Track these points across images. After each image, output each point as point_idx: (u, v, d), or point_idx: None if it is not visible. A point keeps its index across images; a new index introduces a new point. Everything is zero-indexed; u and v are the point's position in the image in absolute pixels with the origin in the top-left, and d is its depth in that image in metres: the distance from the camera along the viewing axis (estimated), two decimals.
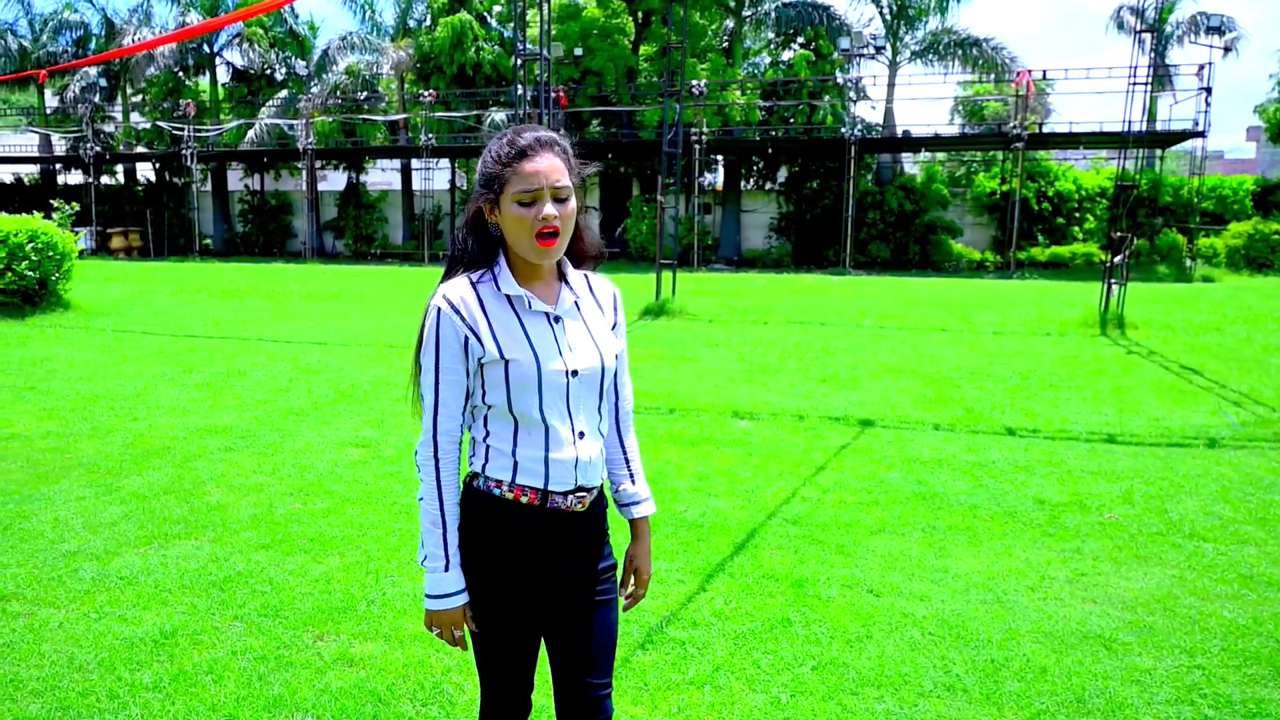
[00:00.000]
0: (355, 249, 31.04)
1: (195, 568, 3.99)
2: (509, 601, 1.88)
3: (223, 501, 4.87)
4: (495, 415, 1.84)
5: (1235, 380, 8.61)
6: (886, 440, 6.25)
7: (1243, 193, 24.16)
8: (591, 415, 1.90)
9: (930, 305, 15.26)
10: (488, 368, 1.81)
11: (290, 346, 10.25)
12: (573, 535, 1.91)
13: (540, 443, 1.84)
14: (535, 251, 1.80)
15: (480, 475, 1.87)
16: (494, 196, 1.82)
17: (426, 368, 1.83)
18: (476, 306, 1.81)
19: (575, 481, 1.88)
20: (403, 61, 29.17)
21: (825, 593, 3.74)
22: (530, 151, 1.78)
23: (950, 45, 24.94)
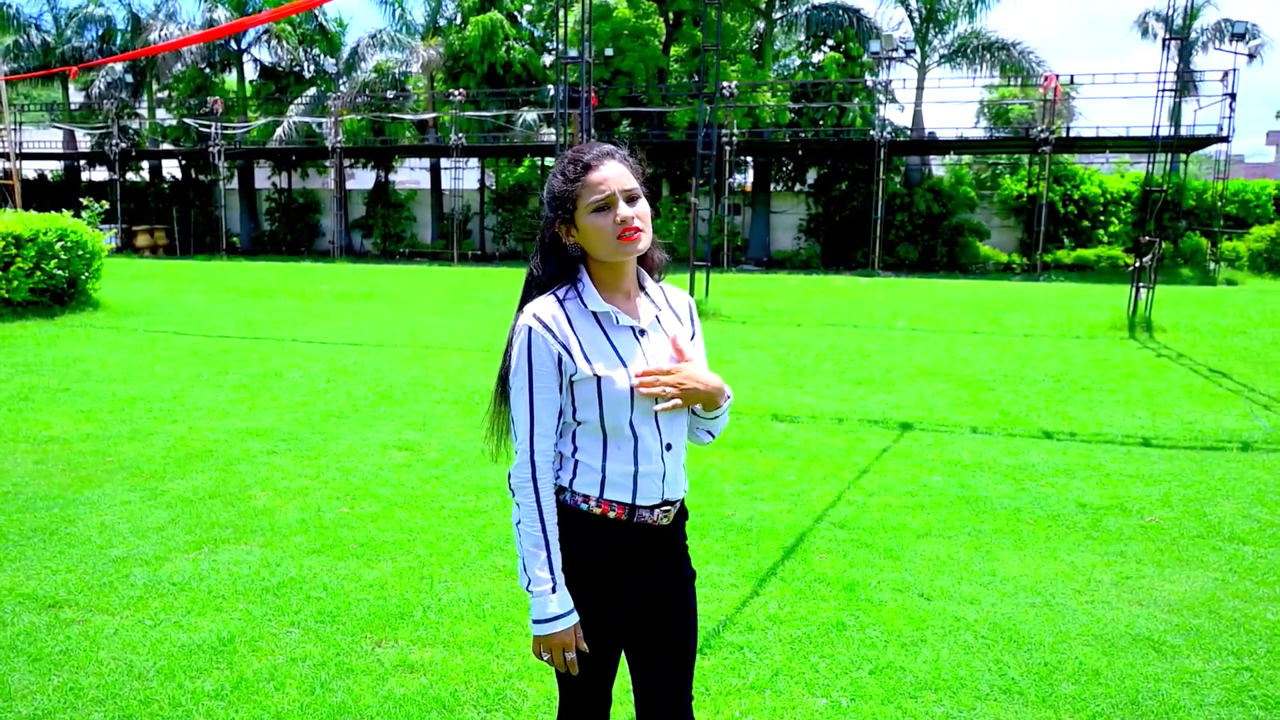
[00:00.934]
0: (384, 248, 31.28)
1: (248, 573, 3.99)
2: (595, 617, 1.89)
3: (269, 506, 4.87)
4: (585, 431, 1.86)
5: (1263, 383, 8.71)
6: (926, 443, 6.41)
7: (1265, 197, 24.22)
8: (678, 428, 1.94)
9: (960, 308, 15.35)
10: (578, 385, 1.83)
11: (325, 348, 10.26)
12: (658, 548, 1.94)
13: (629, 457, 1.86)
14: (622, 250, 1.84)
15: (567, 490, 1.88)
16: (568, 215, 1.86)
17: (519, 389, 1.84)
18: (566, 324, 1.84)
19: (662, 495, 1.90)
20: (433, 60, 29.39)
21: (877, 596, 3.86)
22: (595, 163, 1.84)
23: (979, 49, 24.99)
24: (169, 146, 32.64)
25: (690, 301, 2.08)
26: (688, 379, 1.89)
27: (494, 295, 17.27)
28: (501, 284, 19.91)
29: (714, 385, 1.92)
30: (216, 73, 32.91)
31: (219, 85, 32.83)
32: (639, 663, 1.99)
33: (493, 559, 4.22)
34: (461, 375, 8.69)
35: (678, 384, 1.88)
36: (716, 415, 1.98)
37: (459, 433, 6.50)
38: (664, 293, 2.02)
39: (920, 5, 25.23)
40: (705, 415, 1.98)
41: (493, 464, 5.71)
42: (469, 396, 7.70)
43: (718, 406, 1.95)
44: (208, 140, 29.60)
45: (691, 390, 1.89)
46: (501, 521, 4.72)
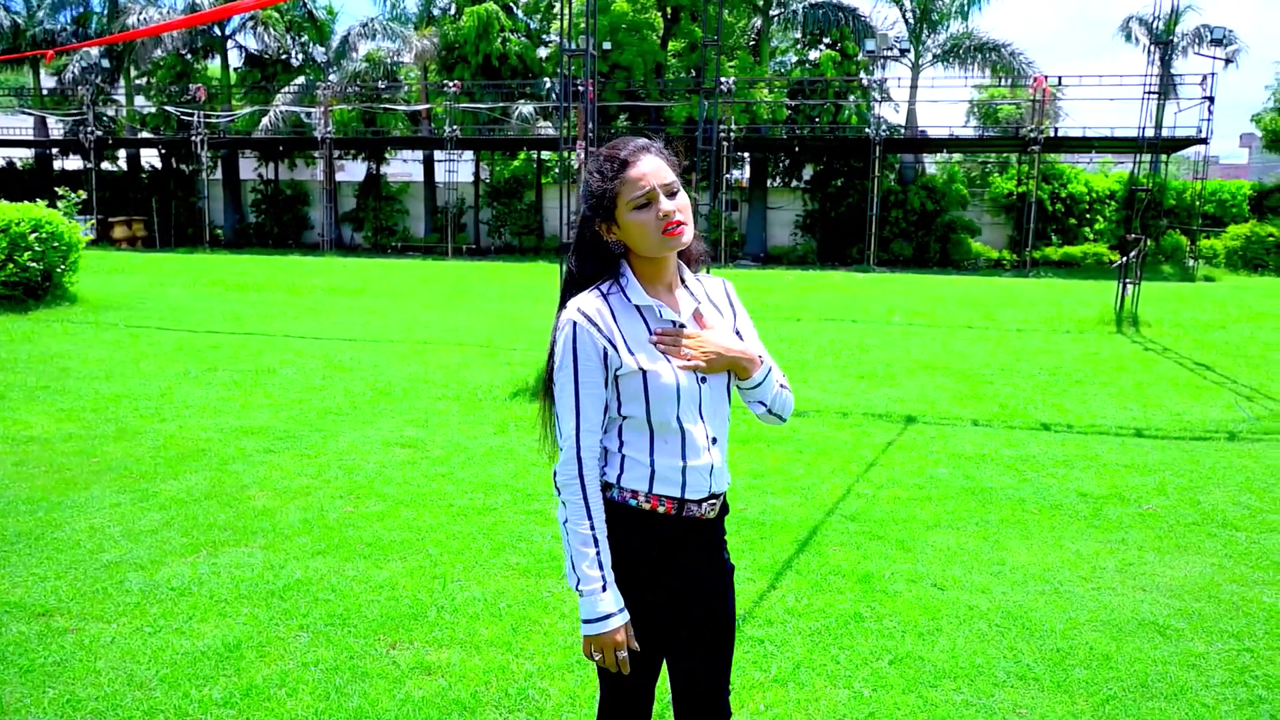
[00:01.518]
0: (375, 241, 30.89)
1: (251, 576, 3.88)
2: (645, 613, 1.87)
3: (269, 506, 4.75)
4: (631, 426, 1.85)
5: (1244, 376, 8.90)
6: (930, 436, 6.52)
7: (1240, 197, 24.68)
8: (722, 421, 1.93)
9: (954, 303, 15.49)
10: (624, 379, 1.82)
11: (319, 343, 10.08)
12: (703, 542, 1.94)
13: (677, 451, 1.85)
14: (667, 245, 1.82)
15: (615, 486, 1.86)
16: (609, 214, 1.84)
17: (564, 383, 1.82)
18: (610, 318, 1.82)
19: (709, 489, 1.89)
20: (426, 50, 29.17)
21: (891, 588, 3.92)
22: (632, 159, 1.82)
23: (971, 49, 25.21)
24: (148, 135, 31.39)
25: (728, 286, 2.07)
26: (707, 342, 1.88)
27: (491, 290, 17.26)
28: (498, 278, 19.89)
29: (736, 350, 1.90)
30: (199, 59, 31.93)
31: (201, 72, 31.92)
32: (682, 656, 1.98)
33: (506, 557, 4.19)
34: (461, 371, 8.65)
35: (697, 346, 1.87)
36: (757, 384, 1.93)
37: (462, 429, 6.46)
38: (702, 284, 2.01)
39: (914, 5, 25.43)
40: (745, 385, 1.94)
41: (550, 464, 5.69)
42: (470, 393, 7.66)
43: (749, 375, 1.92)
44: (189, 129, 28.75)
45: (714, 354, 1.87)
46: (513, 519, 4.72)
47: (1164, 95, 12.73)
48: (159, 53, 30.65)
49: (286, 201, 32.50)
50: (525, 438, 6.30)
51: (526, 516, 4.75)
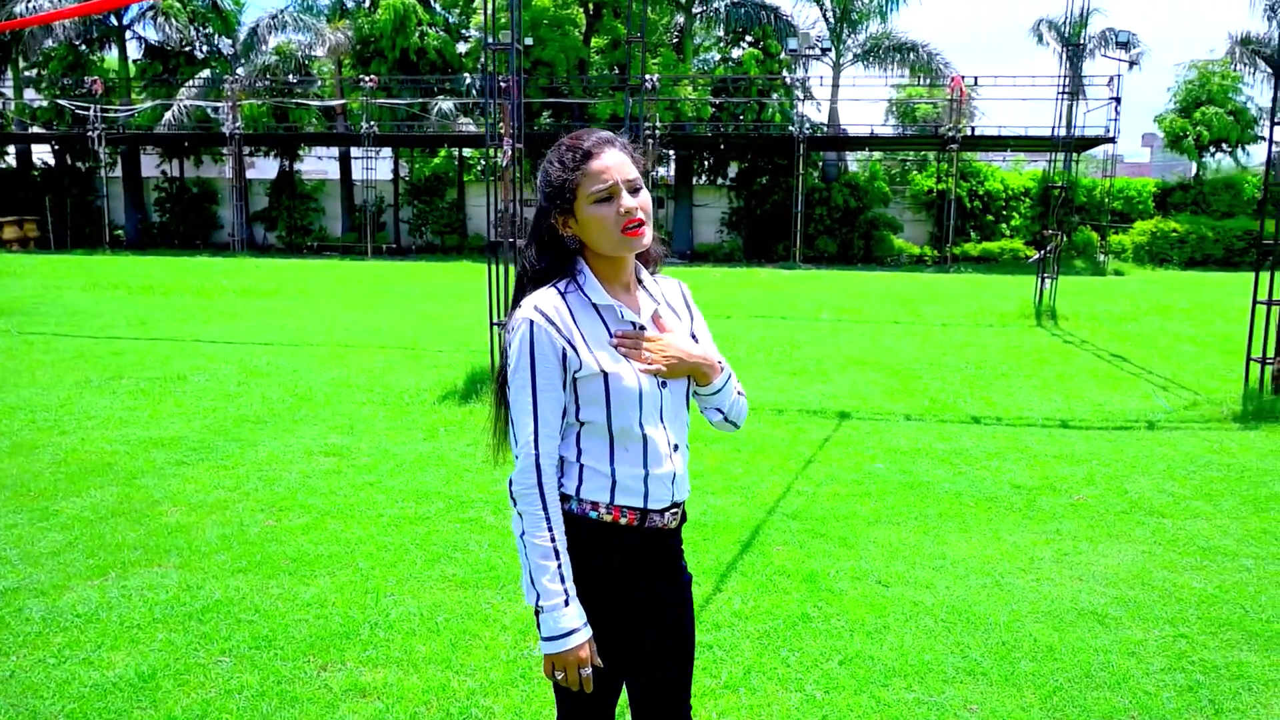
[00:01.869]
0: (290, 241, 29.90)
1: (165, 599, 3.66)
2: (608, 626, 1.80)
3: (183, 522, 4.53)
4: (590, 432, 1.77)
5: (1158, 366, 9.27)
6: (865, 431, 6.55)
7: (1146, 194, 25.90)
8: (683, 427, 1.87)
9: (880, 299, 15.79)
10: (583, 382, 1.74)
11: (232, 347, 9.75)
12: (665, 552, 1.88)
13: (638, 459, 1.78)
14: (626, 244, 1.75)
15: (574, 499, 1.77)
16: (567, 206, 1.76)
17: (520, 386, 1.73)
18: (569, 318, 1.74)
19: (672, 497, 1.84)
20: (340, 44, 28.37)
21: (837, 586, 3.92)
22: (595, 151, 1.75)
23: (889, 49, 25.81)
24: (40, 130, 29.83)
25: (684, 289, 2.01)
26: (669, 346, 1.81)
27: (414, 290, 16.87)
28: (421, 278, 19.47)
29: (698, 355, 1.84)
30: (94, 50, 30.36)
31: (98, 64, 30.37)
32: (643, 670, 1.92)
33: (441, 568, 4.05)
34: (386, 374, 8.42)
35: (659, 350, 1.80)
36: (716, 390, 1.88)
37: (389, 435, 6.28)
38: (659, 286, 1.94)
39: (834, 5, 25.87)
40: (703, 391, 1.89)
41: (494, 469, 5.53)
42: (397, 397, 7.47)
43: (709, 381, 1.87)
44: (86, 124, 27.24)
45: (675, 358, 1.81)
46: (447, 528, 4.56)
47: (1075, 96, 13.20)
48: (50, 43, 29.09)
49: (193, 200, 31.18)
50: (456, 442, 6.15)
51: (461, 525, 4.60)
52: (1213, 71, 24.61)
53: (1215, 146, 25.17)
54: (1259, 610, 3.72)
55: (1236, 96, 24.65)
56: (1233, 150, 25.60)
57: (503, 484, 5.33)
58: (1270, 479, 5.39)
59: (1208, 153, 25.32)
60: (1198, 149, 24.69)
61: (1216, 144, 24.97)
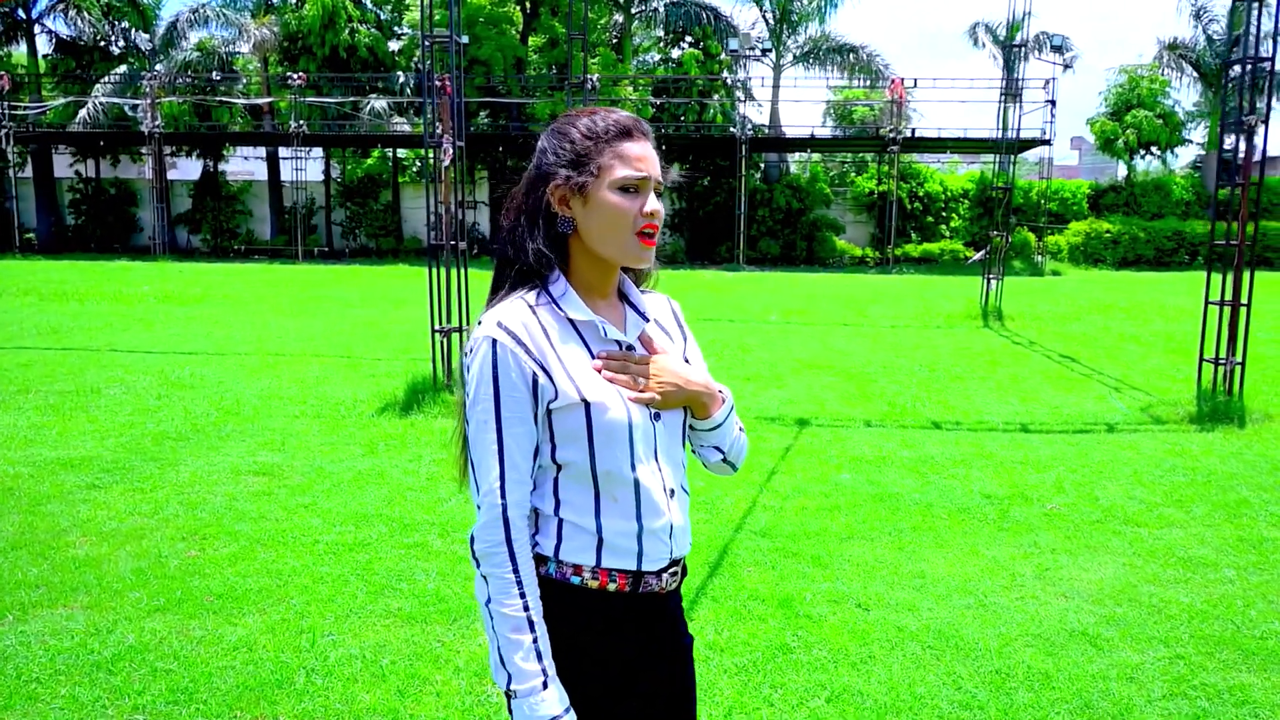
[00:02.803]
0: (215, 244, 28.82)
1: (70, 645, 3.26)
2: (590, 692, 1.51)
3: (93, 555, 4.10)
4: (570, 478, 1.47)
5: (1107, 366, 9.30)
6: (826, 439, 6.35)
7: (1080, 196, 26.59)
8: (679, 467, 1.57)
9: (826, 300, 15.75)
10: (560, 415, 1.44)
11: (152, 358, 9.17)
12: (663, 617, 1.57)
13: (630, 510, 1.47)
14: (635, 251, 1.48)
15: (550, 560, 1.47)
16: (581, 179, 1.46)
17: (482, 421, 1.42)
18: (541, 335, 1.44)
19: (670, 554, 1.53)
20: (266, 40, 27.36)
21: (815, 611, 3.68)
22: (634, 132, 1.48)
23: (829, 51, 25.98)
24: None
25: (674, 306, 1.71)
26: (664, 370, 1.51)
27: (349, 294, 16.26)
28: (356, 282, 18.82)
29: (698, 383, 1.54)
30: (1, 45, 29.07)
31: (4, 59, 29.04)
32: None
33: (385, 601, 3.70)
34: (321, 385, 7.97)
35: (653, 375, 1.50)
36: (716, 425, 1.58)
37: (324, 452, 5.86)
38: (647, 301, 1.64)
39: (774, 6, 25.92)
40: (701, 426, 1.58)
41: (426, 488, 5.16)
42: (332, 409, 7.04)
43: (709, 414, 1.57)
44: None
45: (671, 385, 1.51)
46: (390, 556, 4.19)
47: (1013, 98, 13.32)
48: None
49: (110, 202, 29.75)
50: (397, 458, 5.78)
51: (405, 552, 4.25)
52: (1141, 76, 25.36)
53: (1145, 149, 25.96)
54: (1250, 626, 3.58)
55: (1165, 100, 25.47)
56: (1162, 153, 26.44)
57: (450, 504, 4.90)
58: (1236, 483, 5.33)
59: (1138, 155, 26.09)
60: (1128, 152, 25.41)
61: (1146, 147, 25.75)
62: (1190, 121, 26.62)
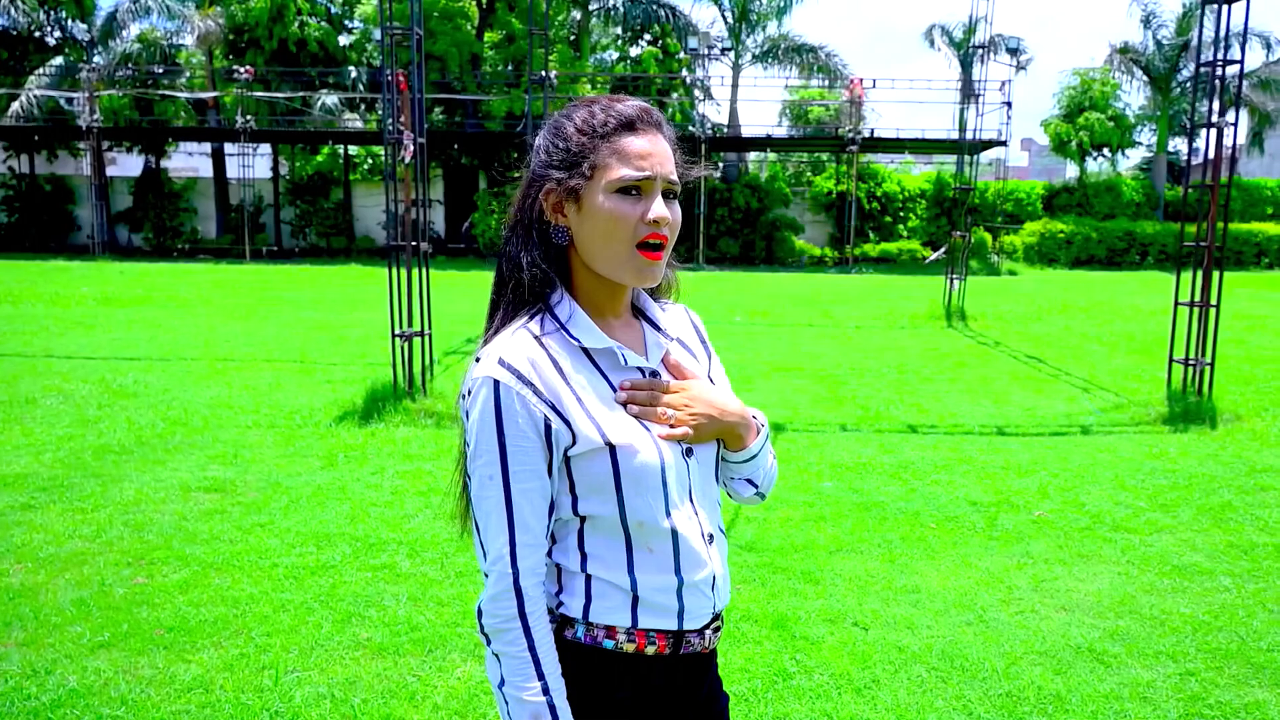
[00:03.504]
0: (158, 243, 27.79)
1: (3, 690, 2.99)
2: None
3: (29, 584, 3.79)
4: (596, 530, 1.29)
5: (1073, 367, 9.33)
6: (803, 445, 6.20)
7: (1034, 196, 27.03)
8: (714, 507, 1.39)
9: (789, 301, 15.68)
10: (581, 462, 1.26)
11: (93, 364, 8.74)
12: (702, 679, 1.40)
13: (669, 562, 1.30)
14: (634, 267, 1.27)
15: (579, 623, 1.30)
16: (574, 182, 1.27)
17: (487, 477, 1.24)
18: (552, 370, 1.25)
19: (714, 608, 1.36)
20: (211, 32, 26.50)
21: (812, 632, 3.52)
22: (641, 125, 1.28)
23: (788, 50, 25.99)
24: None
25: (695, 319, 1.53)
26: (696, 399, 1.33)
27: (301, 296, 15.76)
28: (308, 283, 18.28)
29: (734, 412, 1.36)
30: None
31: None
32: None
33: (353, 631, 3.45)
34: (274, 393, 7.63)
35: (684, 405, 1.31)
36: (751, 456, 1.40)
37: (281, 465, 5.56)
38: (667, 317, 1.44)
39: (733, 5, 25.87)
40: (735, 458, 1.40)
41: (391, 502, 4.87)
42: (287, 419, 6.73)
43: (744, 444, 1.39)
44: None
45: (704, 416, 1.32)
46: (356, 579, 3.93)
47: (973, 99, 13.38)
48: None
49: (46, 199, 28.50)
50: (359, 470, 5.50)
51: (372, 574, 3.99)
52: (1093, 79, 25.82)
53: (1097, 151, 26.45)
54: (1255, 638, 3.49)
55: (1116, 103, 25.96)
56: (1113, 155, 26.95)
57: (418, 520, 4.60)
58: (1218, 486, 5.30)
59: (1089, 156, 26.57)
60: (1081, 153, 25.86)
61: (1098, 148, 26.24)
62: (1139, 124, 27.17)
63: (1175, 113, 26.31)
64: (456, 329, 10.65)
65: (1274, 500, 5.05)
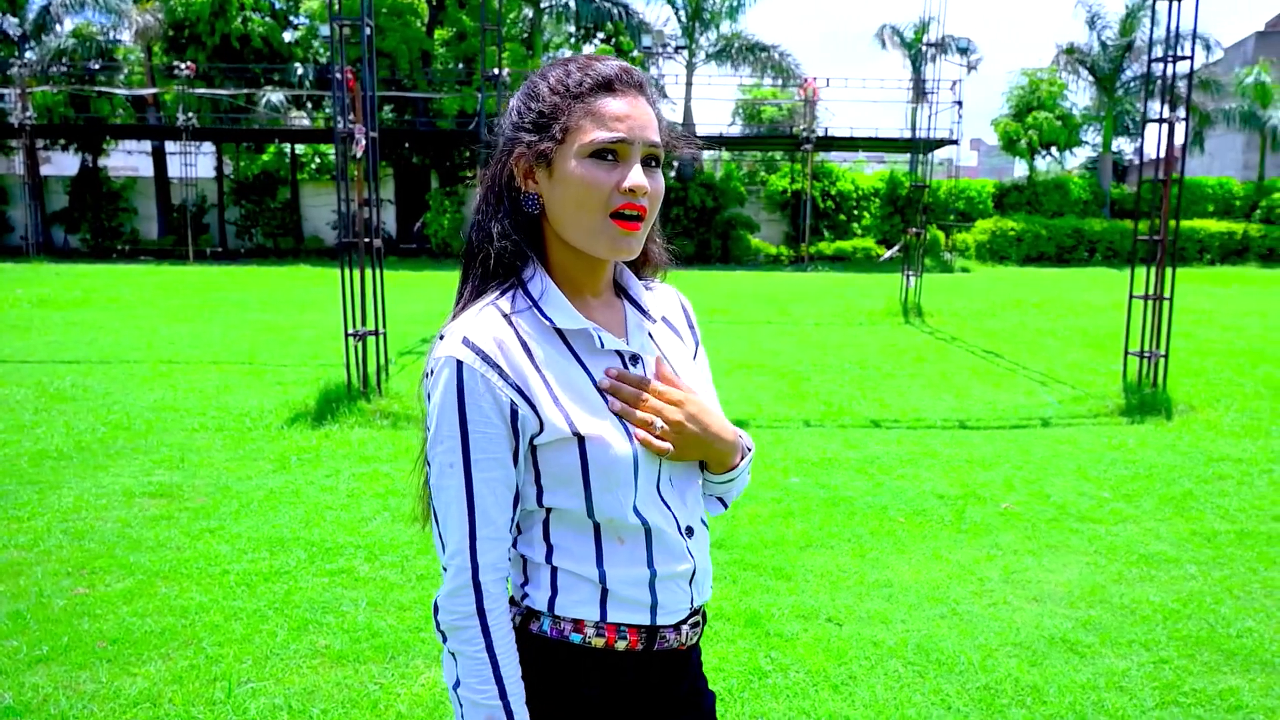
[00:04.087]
0: (96, 245, 26.91)
1: None
2: None
3: None
4: (563, 521, 1.21)
5: (1030, 361, 9.45)
6: (768, 441, 6.15)
7: (985, 195, 27.50)
8: (696, 499, 1.30)
9: (748, 299, 15.70)
10: (547, 452, 1.18)
11: (28, 367, 8.46)
12: (683, 677, 1.32)
13: (641, 555, 1.22)
14: (609, 237, 1.17)
15: (544, 615, 1.22)
16: (545, 145, 1.17)
17: (447, 465, 1.15)
18: (520, 352, 1.16)
19: (691, 603, 1.28)
20: (150, 27, 25.70)
21: (786, 629, 3.45)
22: (618, 85, 1.18)
23: (741, 50, 26.06)
24: None
25: (686, 304, 1.43)
26: (690, 418, 1.23)
27: (248, 297, 15.35)
28: (254, 284, 17.82)
29: (726, 439, 1.27)
30: None
31: None
32: None
33: (309, 639, 3.32)
34: (222, 395, 7.40)
35: (675, 421, 1.22)
36: (732, 479, 1.32)
37: (230, 468, 5.37)
38: (653, 296, 1.35)
39: (686, 4, 25.85)
40: (714, 479, 1.32)
41: (347, 506, 4.72)
42: (236, 421, 6.52)
43: (730, 466, 1.30)
44: None
45: (692, 439, 1.23)
46: (311, 585, 3.79)
47: (925, 97, 13.53)
48: None
49: None
50: (312, 473, 5.34)
51: (329, 580, 3.84)
52: (1041, 79, 26.34)
53: (1045, 149, 26.98)
54: (1225, 624, 3.51)
55: (1063, 102, 26.51)
56: (1061, 154, 27.48)
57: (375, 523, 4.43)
58: (1178, 475, 5.37)
59: (1038, 155, 27.09)
60: (1030, 152, 26.34)
61: (1046, 147, 26.78)
62: (1085, 123, 27.77)
63: (1120, 112, 26.95)
64: (411, 329, 10.43)
65: (1232, 489, 5.13)
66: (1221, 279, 20.43)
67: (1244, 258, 25.19)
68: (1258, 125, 26.45)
